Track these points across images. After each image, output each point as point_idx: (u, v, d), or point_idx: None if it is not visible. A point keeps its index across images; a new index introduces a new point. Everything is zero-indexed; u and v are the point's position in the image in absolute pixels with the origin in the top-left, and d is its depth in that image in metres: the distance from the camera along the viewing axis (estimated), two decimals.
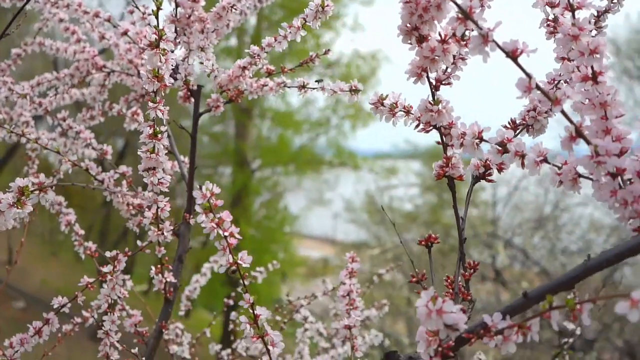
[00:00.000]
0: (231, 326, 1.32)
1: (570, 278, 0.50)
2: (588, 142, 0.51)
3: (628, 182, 0.53)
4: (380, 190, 9.09)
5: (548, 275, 6.40)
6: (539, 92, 0.50)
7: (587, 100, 0.55)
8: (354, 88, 0.85)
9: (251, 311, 0.65)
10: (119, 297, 0.98)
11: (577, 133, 0.51)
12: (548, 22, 0.63)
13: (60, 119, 1.10)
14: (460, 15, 0.50)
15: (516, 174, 6.93)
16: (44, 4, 1.13)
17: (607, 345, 5.90)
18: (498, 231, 6.44)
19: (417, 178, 9.68)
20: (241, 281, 0.64)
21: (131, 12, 1.12)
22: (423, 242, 0.66)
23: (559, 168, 0.55)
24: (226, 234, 0.62)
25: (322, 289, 1.44)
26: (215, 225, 0.62)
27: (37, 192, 0.66)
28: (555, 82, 0.68)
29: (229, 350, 1.30)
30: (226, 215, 0.62)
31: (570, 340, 1.08)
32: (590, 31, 0.71)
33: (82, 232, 1.08)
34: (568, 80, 0.63)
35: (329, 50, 1.01)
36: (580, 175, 0.54)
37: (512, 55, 0.50)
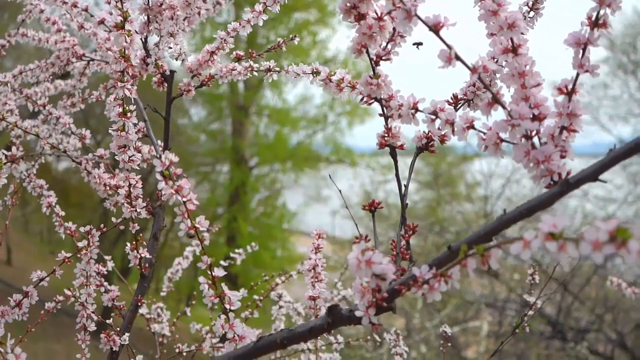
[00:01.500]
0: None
1: (489, 231, 0.55)
2: (504, 107, 0.56)
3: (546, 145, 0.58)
4: (374, 186, 9.14)
5: (540, 266, 6.46)
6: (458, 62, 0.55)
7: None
8: (315, 70, 0.90)
9: (209, 272, 0.70)
10: (97, 273, 1.03)
11: (494, 99, 0.56)
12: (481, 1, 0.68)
13: (40, 105, 1.15)
14: None
15: (509, 167, 6.99)
16: None
17: (599, 336, 5.97)
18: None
19: (413, 174, 9.74)
20: (200, 244, 0.69)
21: (108, 3, 1.16)
22: (367, 207, 0.71)
23: (484, 134, 0.60)
24: (185, 199, 0.67)
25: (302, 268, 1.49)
26: (174, 192, 0.66)
27: (9, 164, 0.71)
28: (494, 59, 0.73)
29: (207, 328, 1.35)
30: (185, 183, 0.67)
31: (531, 312, 1.13)
32: (528, 12, 0.76)
33: (62, 213, 1.13)
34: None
35: (295, 36, 1.06)
36: (502, 140, 0.59)
37: (435, 28, 0.55)
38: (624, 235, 0.37)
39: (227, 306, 0.69)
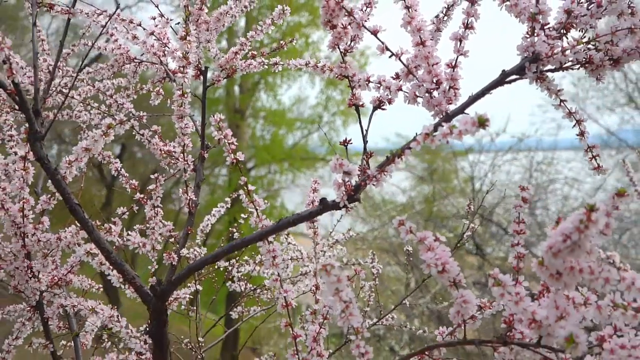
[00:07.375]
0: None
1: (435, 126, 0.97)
2: (414, 76, 0.98)
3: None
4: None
5: (527, 247, 6.90)
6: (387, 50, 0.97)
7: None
8: (307, 62, 1.32)
9: (246, 188, 1.11)
10: (155, 214, 1.45)
11: (409, 71, 0.98)
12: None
13: (109, 95, 1.56)
14: (346, 13, 0.97)
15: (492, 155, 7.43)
16: (91, 16, 1.60)
17: None
18: (478, 209, 6.91)
19: (408, 170, 10.20)
20: (239, 170, 1.11)
21: (153, 18, 1.58)
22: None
23: (407, 93, 1.02)
24: (229, 141, 1.09)
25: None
26: (222, 137, 1.08)
27: (118, 125, 1.12)
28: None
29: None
30: (229, 132, 1.09)
31: (469, 233, 1.54)
32: (443, 17, 1.18)
33: (127, 175, 1.55)
34: None
35: (293, 39, 1.49)
36: (417, 95, 1.01)
37: (374, 32, 0.97)
38: (482, 120, 0.79)
39: (257, 207, 1.11)
